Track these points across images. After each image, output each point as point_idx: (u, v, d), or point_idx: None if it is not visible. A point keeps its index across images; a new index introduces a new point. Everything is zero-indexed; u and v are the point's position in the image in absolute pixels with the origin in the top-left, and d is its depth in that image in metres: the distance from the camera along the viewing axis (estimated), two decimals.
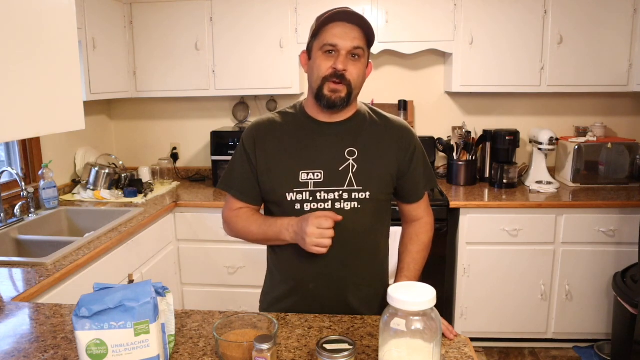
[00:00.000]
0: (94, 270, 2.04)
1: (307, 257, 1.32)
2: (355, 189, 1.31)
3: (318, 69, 1.28)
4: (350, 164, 1.32)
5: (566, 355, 2.90)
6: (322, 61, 1.27)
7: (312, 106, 1.35)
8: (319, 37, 1.28)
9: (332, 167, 1.32)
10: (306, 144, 1.34)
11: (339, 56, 1.25)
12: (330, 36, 1.25)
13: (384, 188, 1.36)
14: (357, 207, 1.32)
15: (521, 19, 2.90)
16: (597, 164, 3.05)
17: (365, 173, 1.32)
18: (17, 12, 1.20)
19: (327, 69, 1.26)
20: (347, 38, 1.24)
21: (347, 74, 1.26)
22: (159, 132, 3.58)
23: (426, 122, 3.39)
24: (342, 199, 1.31)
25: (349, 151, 1.32)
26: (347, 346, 1.00)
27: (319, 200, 1.31)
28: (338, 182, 1.31)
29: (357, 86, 1.30)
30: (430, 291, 0.94)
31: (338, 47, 1.24)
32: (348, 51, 1.25)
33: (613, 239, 2.76)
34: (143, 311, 0.96)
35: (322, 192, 1.31)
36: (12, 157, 2.66)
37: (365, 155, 1.33)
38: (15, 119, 1.23)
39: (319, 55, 1.27)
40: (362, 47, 1.27)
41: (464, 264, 2.83)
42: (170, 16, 3.06)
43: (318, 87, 1.28)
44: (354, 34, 1.25)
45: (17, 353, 1.17)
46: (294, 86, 3.08)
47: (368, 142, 1.34)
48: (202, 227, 2.90)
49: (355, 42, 1.25)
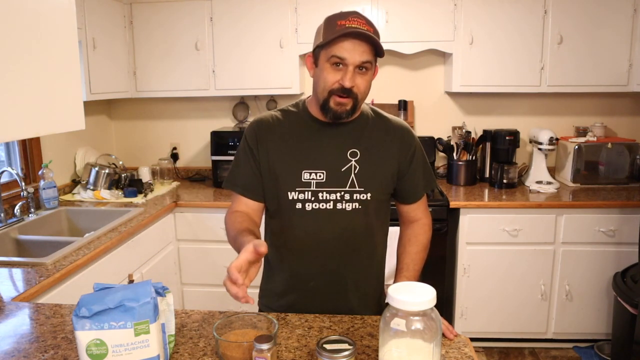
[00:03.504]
0: (94, 270, 2.04)
1: (308, 255, 1.34)
2: (357, 190, 1.32)
3: (325, 81, 1.26)
4: (352, 165, 1.32)
5: (566, 355, 2.90)
6: (329, 73, 1.25)
7: (315, 107, 1.35)
8: (327, 47, 1.24)
9: (335, 167, 1.32)
10: (309, 144, 1.34)
11: (347, 72, 1.23)
12: (339, 49, 1.22)
13: (384, 189, 1.37)
14: (358, 208, 1.33)
15: (521, 18, 2.90)
16: (597, 164, 3.05)
17: (367, 174, 1.33)
18: (17, 12, 1.20)
19: (334, 82, 1.24)
20: (356, 53, 1.22)
21: (354, 88, 1.25)
22: (159, 132, 3.58)
23: (426, 122, 3.39)
24: (343, 199, 1.32)
25: (352, 152, 1.33)
26: (347, 346, 1.00)
27: (320, 200, 1.32)
28: (340, 182, 1.32)
29: (364, 97, 1.30)
30: (430, 291, 0.94)
31: (346, 61, 1.22)
32: (356, 66, 1.23)
33: (613, 239, 2.76)
34: (143, 311, 0.96)
35: (324, 192, 1.32)
36: (12, 157, 2.66)
37: (367, 157, 1.33)
38: (15, 119, 1.23)
39: (327, 67, 1.25)
40: (370, 60, 1.25)
41: (464, 264, 2.83)
42: (170, 16, 3.07)
43: (324, 99, 1.27)
44: (363, 47, 1.22)
45: (17, 353, 1.17)
46: (294, 86, 3.08)
47: (370, 144, 1.35)
48: (202, 227, 2.90)
49: (364, 56, 1.23)
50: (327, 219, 1.32)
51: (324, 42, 1.23)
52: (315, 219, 1.33)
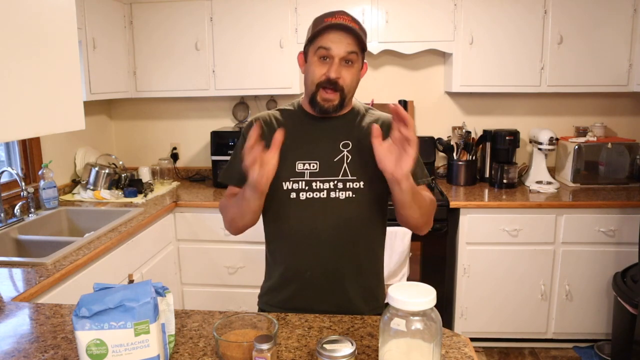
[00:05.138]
0: (94, 270, 2.04)
1: (302, 245, 1.36)
2: (350, 179, 1.36)
3: (312, 74, 1.33)
4: (344, 155, 1.37)
5: (566, 355, 2.90)
6: (316, 67, 1.31)
7: (308, 104, 1.40)
8: (314, 41, 1.32)
9: (328, 158, 1.37)
10: (303, 137, 1.39)
11: (332, 63, 1.29)
12: (325, 40, 1.29)
13: (377, 178, 1.35)
14: (351, 197, 1.36)
15: (521, 19, 2.90)
16: (597, 164, 3.05)
17: (359, 163, 1.36)
18: (17, 12, 1.20)
19: (321, 75, 1.31)
20: (342, 44, 1.28)
21: (340, 80, 1.31)
22: (159, 132, 3.58)
23: (426, 122, 3.39)
24: (337, 188, 1.35)
25: (344, 143, 1.38)
26: (347, 346, 1.00)
27: (314, 190, 1.35)
28: (333, 172, 1.36)
29: (351, 90, 1.35)
30: (430, 291, 0.94)
31: (332, 52, 1.29)
32: (342, 57, 1.29)
33: (613, 239, 2.76)
34: (143, 311, 0.96)
35: (318, 181, 1.36)
36: (12, 157, 2.66)
37: (359, 148, 1.37)
38: (16, 119, 1.23)
39: (314, 61, 1.32)
40: (356, 51, 1.30)
41: (464, 264, 2.83)
42: (170, 16, 3.07)
43: (312, 92, 1.34)
44: (348, 40, 1.29)
45: (17, 353, 1.17)
46: (293, 86, 3.08)
47: (362, 135, 1.38)
48: (202, 227, 2.90)
49: (349, 47, 1.29)
50: (321, 208, 1.35)
51: (312, 36, 1.31)
52: (309, 208, 1.35)
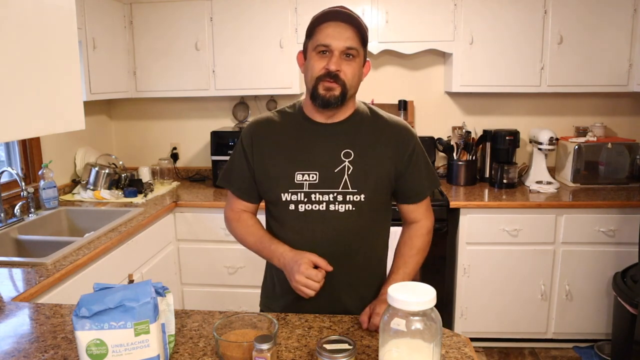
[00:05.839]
0: (94, 270, 2.04)
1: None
2: (350, 192, 1.31)
3: (312, 69, 1.28)
4: (345, 166, 1.31)
5: (566, 355, 2.90)
6: (316, 61, 1.27)
7: (309, 106, 1.35)
8: (312, 38, 1.29)
9: (328, 168, 1.31)
10: (303, 145, 1.34)
11: (332, 57, 1.25)
12: (323, 36, 1.25)
13: (380, 190, 1.34)
14: (351, 210, 1.31)
15: (521, 19, 2.90)
16: (597, 164, 3.05)
17: (360, 175, 1.31)
18: (18, 13, 1.20)
19: (321, 69, 1.26)
20: (340, 38, 1.24)
21: (340, 74, 1.26)
22: (159, 132, 3.58)
23: (426, 122, 3.39)
24: (336, 200, 1.31)
25: (345, 153, 1.32)
26: (347, 346, 1.00)
27: (313, 202, 1.31)
28: (333, 183, 1.31)
29: (353, 86, 1.30)
30: (430, 291, 0.94)
31: (331, 47, 1.25)
32: (341, 51, 1.25)
33: (613, 239, 2.76)
34: (143, 311, 0.96)
35: (317, 193, 1.31)
36: (12, 157, 2.66)
37: (362, 157, 1.32)
38: (16, 119, 1.23)
39: (313, 56, 1.28)
40: (356, 47, 1.26)
41: (464, 264, 2.83)
42: (170, 16, 3.07)
43: (312, 86, 1.29)
44: (347, 33, 1.25)
45: (17, 353, 1.17)
46: (294, 86, 3.08)
47: (365, 144, 1.33)
48: (202, 227, 2.90)
49: (348, 42, 1.25)
50: (320, 221, 1.31)
51: (310, 29, 1.29)
52: (308, 221, 1.32)
